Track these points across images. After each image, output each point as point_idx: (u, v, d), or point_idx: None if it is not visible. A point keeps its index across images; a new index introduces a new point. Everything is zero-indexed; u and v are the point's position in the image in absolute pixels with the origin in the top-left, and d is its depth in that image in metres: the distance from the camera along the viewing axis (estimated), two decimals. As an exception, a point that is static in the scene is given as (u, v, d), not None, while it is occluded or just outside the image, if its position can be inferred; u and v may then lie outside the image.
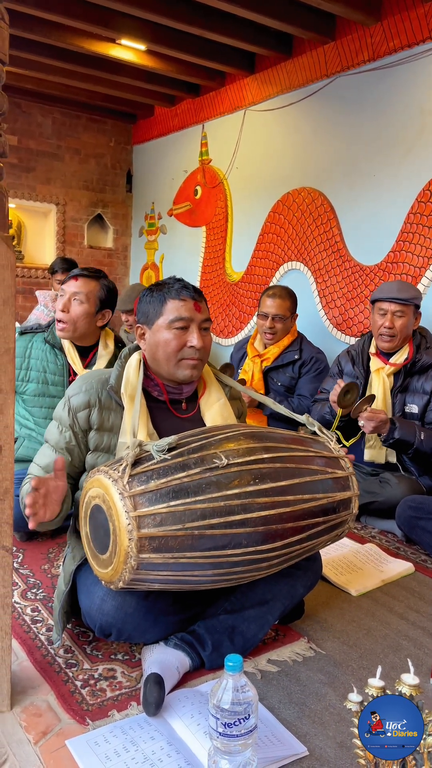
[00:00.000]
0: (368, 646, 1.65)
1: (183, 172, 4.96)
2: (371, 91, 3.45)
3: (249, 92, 4.28)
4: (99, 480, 1.29)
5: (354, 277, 3.57)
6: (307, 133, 3.87)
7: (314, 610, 1.80)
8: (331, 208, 3.71)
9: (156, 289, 1.56)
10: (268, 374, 3.18)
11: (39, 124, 5.17)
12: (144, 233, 5.54)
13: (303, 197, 3.89)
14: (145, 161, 5.52)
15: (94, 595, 1.45)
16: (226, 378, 1.69)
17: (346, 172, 3.63)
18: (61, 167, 5.32)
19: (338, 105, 3.65)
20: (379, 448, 2.53)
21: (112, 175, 5.61)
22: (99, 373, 1.59)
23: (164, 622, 1.49)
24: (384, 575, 2.04)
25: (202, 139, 4.75)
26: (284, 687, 1.46)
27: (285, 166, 4.04)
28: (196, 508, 1.25)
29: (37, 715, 1.33)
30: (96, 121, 5.45)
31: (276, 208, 4.10)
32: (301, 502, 1.36)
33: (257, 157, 4.26)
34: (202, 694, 1.39)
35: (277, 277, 4.09)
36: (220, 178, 4.58)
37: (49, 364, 2.28)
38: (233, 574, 1.33)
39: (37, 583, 1.92)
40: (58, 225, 5.34)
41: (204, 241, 4.76)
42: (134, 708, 1.37)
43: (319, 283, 3.80)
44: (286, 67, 3.96)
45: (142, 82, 4.51)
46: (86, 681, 1.45)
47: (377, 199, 3.45)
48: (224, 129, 4.53)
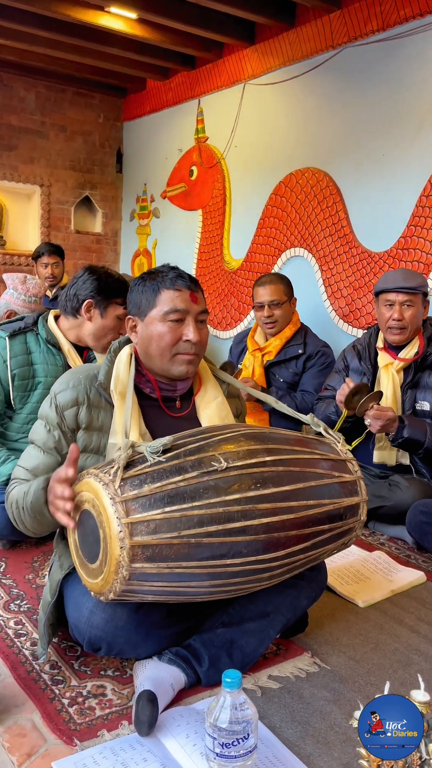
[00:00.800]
0: (376, 660, 1.66)
1: (177, 151, 4.95)
2: (380, 63, 3.44)
3: (248, 65, 4.27)
4: (89, 483, 1.30)
5: (362, 264, 3.57)
6: (311, 109, 3.87)
7: (319, 623, 1.81)
8: (337, 190, 3.71)
9: (149, 278, 1.55)
10: (270, 370, 3.19)
11: (21, 98, 5.15)
12: (135, 217, 5.53)
13: (307, 178, 3.89)
14: (137, 139, 5.50)
15: (83, 606, 1.45)
16: (224, 374, 1.69)
17: (353, 151, 3.63)
18: (46, 145, 5.30)
19: (345, 79, 3.65)
20: (389, 449, 2.54)
21: (100, 154, 5.59)
22: (87, 368, 1.59)
23: (158, 636, 1.50)
24: (393, 585, 2.05)
25: (198, 116, 4.74)
26: (286, 705, 1.47)
27: (287, 144, 4.04)
28: (192, 514, 1.25)
29: (21, 736, 1.34)
30: (83, 95, 5.43)
31: (278, 190, 4.10)
32: (306, 508, 1.36)
33: (257, 134, 4.25)
34: (198, 712, 1.40)
35: (279, 264, 4.09)
36: (217, 157, 4.57)
37: (50, 367, 2.23)
38: (232, 585, 1.33)
39: (21, 594, 1.92)
40: (43, 208, 5.33)
41: (200, 225, 4.75)
42: (125, 727, 1.37)
43: (324, 272, 3.80)
44: (289, 37, 3.95)
45: (133, 54, 4.49)
46: (74, 699, 1.46)
47: (387, 180, 3.45)
48: (222, 104, 4.52)
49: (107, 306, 2.19)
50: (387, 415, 2.35)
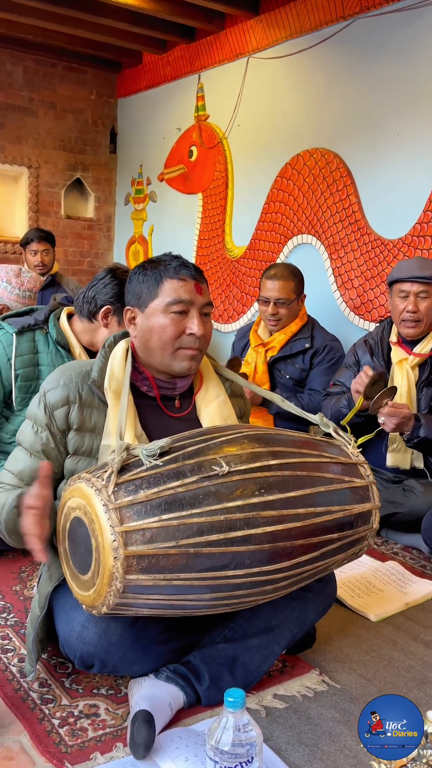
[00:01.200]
0: (389, 679, 1.66)
1: (176, 130, 4.95)
2: (395, 35, 3.43)
3: (253, 37, 4.26)
4: (80, 489, 1.30)
5: (374, 252, 3.57)
6: (321, 85, 3.86)
7: (327, 638, 1.81)
8: (347, 173, 3.71)
9: (150, 267, 1.55)
10: (274, 366, 3.19)
11: (8, 73, 5.14)
12: (130, 201, 5.53)
13: (315, 160, 3.89)
14: (132, 117, 5.50)
15: (74, 620, 1.45)
16: (227, 371, 1.69)
17: (365, 131, 3.62)
18: (34, 124, 5.30)
19: (356, 52, 3.64)
20: (403, 451, 2.54)
21: (93, 134, 5.59)
22: (79, 365, 1.59)
23: (154, 652, 1.50)
24: (408, 598, 2.05)
25: (198, 92, 4.73)
26: (293, 726, 1.47)
27: (294, 123, 4.03)
28: (192, 522, 1.25)
29: (9, 759, 1.34)
30: (75, 70, 5.42)
31: (284, 173, 4.09)
32: (314, 515, 1.36)
33: (262, 112, 4.25)
34: (198, 733, 1.40)
35: (285, 252, 4.08)
36: (218, 137, 4.56)
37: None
38: (234, 598, 1.33)
39: (8, 606, 1.93)
40: (31, 191, 5.32)
41: (200, 210, 4.75)
42: (120, 750, 1.37)
43: (333, 260, 3.80)
44: (296, 7, 3.93)
45: (129, 25, 4.48)
46: (65, 719, 1.46)
47: (402, 161, 3.45)
48: (224, 80, 4.51)
49: None
50: (402, 412, 2.34)
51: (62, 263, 5.26)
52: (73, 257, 5.56)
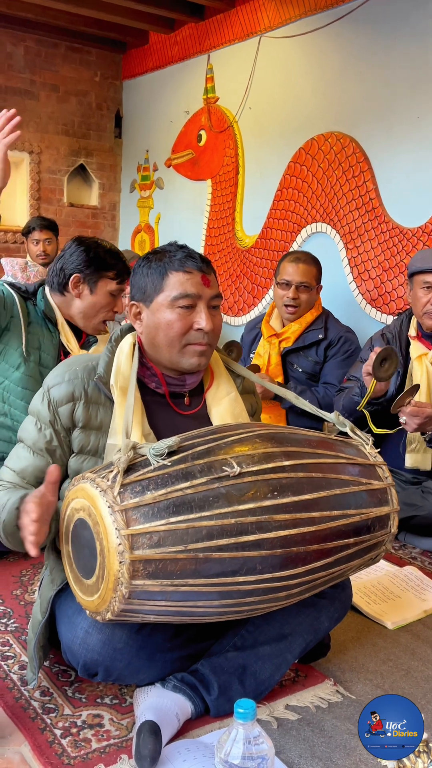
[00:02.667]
0: (407, 690, 1.66)
1: (184, 114, 4.94)
2: (414, 14, 3.41)
3: (265, 15, 4.24)
4: (84, 489, 1.30)
5: (393, 242, 3.55)
6: (336, 66, 3.84)
7: (342, 647, 1.81)
8: (364, 158, 3.69)
9: (155, 259, 1.55)
10: (287, 358, 3.18)
11: (8, 54, 5.14)
12: (136, 188, 5.53)
13: (330, 144, 3.87)
14: (138, 100, 5.49)
15: (77, 626, 1.46)
16: (238, 367, 1.69)
17: (382, 114, 3.60)
18: (36, 107, 5.29)
19: (374, 31, 3.61)
20: (423, 451, 2.53)
21: (97, 117, 5.58)
22: (85, 359, 1.59)
23: (161, 660, 1.50)
24: (426, 605, 2.05)
25: (207, 73, 4.72)
26: (306, 738, 1.47)
27: (308, 106, 4.01)
28: (201, 525, 1.25)
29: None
30: (78, 50, 5.42)
31: (297, 158, 4.08)
32: (329, 519, 1.36)
33: (274, 94, 4.23)
34: (207, 746, 1.40)
35: (299, 242, 4.07)
36: (229, 120, 4.55)
37: (44, 341, 2.24)
38: (245, 605, 1.33)
39: (8, 611, 1.93)
40: (32, 178, 5.32)
41: (209, 197, 4.74)
42: (125, 762, 1.38)
43: (349, 250, 3.78)
44: (311, -16, 3.91)
45: (134, 3, 4.47)
46: (67, 729, 1.46)
47: (421, 146, 3.43)
48: (234, 60, 4.49)
49: (97, 281, 2.20)
50: (426, 412, 2.32)
51: (65, 253, 5.26)
52: (76, 247, 5.56)
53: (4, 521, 1.46)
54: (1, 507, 1.48)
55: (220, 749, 1.17)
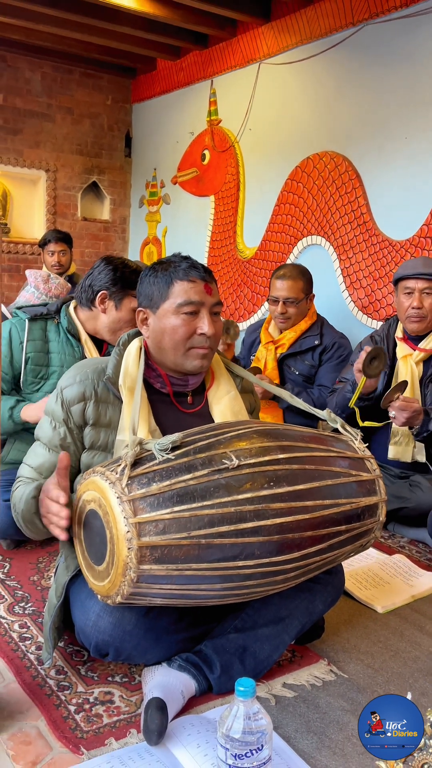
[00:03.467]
0: (396, 669, 1.65)
1: (189, 135, 4.94)
2: (403, 41, 3.41)
3: (264, 43, 4.25)
4: (94, 482, 1.30)
5: (382, 253, 3.55)
6: (330, 90, 3.84)
7: (335, 629, 1.81)
8: (356, 175, 3.69)
9: (160, 269, 1.55)
10: (284, 362, 3.18)
11: (27, 79, 5.16)
12: (145, 203, 5.53)
13: (325, 163, 3.87)
14: (146, 122, 5.50)
15: (89, 610, 1.46)
16: (238, 368, 1.69)
17: (374, 134, 3.60)
18: (52, 129, 5.31)
19: (366, 57, 3.62)
20: (405, 444, 2.53)
21: (108, 138, 5.60)
22: (94, 362, 1.60)
23: (167, 641, 1.50)
24: (414, 590, 2.04)
25: (210, 97, 4.72)
26: (301, 714, 1.47)
27: (304, 127, 4.01)
28: (203, 514, 1.25)
29: (26, 743, 1.35)
30: (91, 76, 5.43)
31: (294, 175, 4.08)
32: (321, 508, 1.36)
33: (273, 116, 4.23)
34: (210, 721, 1.40)
35: (295, 253, 4.07)
36: (230, 140, 4.56)
37: (67, 357, 2.25)
38: (244, 588, 1.33)
39: (26, 596, 1.94)
40: (48, 194, 5.34)
41: (212, 212, 4.74)
42: (134, 736, 1.38)
43: (342, 261, 3.78)
44: (307, 14, 3.92)
45: (143, 32, 4.48)
46: (80, 705, 1.47)
47: (410, 164, 3.42)
48: (236, 85, 4.50)
49: (122, 298, 2.20)
50: (413, 406, 2.33)
51: (79, 264, 5.28)
52: (89, 258, 5.57)
53: (23, 510, 1.47)
54: (18, 499, 1.50)
55: (221, 724, 1.17)
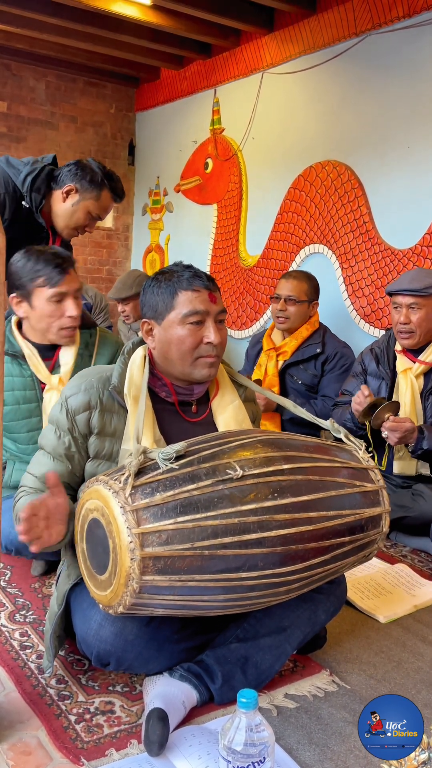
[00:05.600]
0: (398, 680, 1.64)
1: (192, 143, 4.95)
2: (406, 51, 3.42)
3: (267, 53, 4.26)
4: (98, 491, 1.29)
5: (385, 262, 3.55)
6: (333, 99, 3.85)
7: (337, 639, 1.80)
8: (359, 184, 3.69)
9: (164, 279, 1.55)
10: (287, 372, 3.18)
11: (31, 88, 5.18)
12: (148, 211, 5.54)
13: (327, 171, 3.87)
14: (150, 130, 5.51)
15: (91, 619, 1.45)
16: (241, 377, 1.69)
17: (376, 144, 3.61)
18: (56, 137, 5.32)
19: (368, 67, 3.62)
20: (409, 459, 2.52)
21: (112, 146, 5.61)
22: (99, 371, 1.59)
23: (169, 651, 1.49)
24: (416, 600, 2.03)
25: (213, 106, 4.73)
26: (303, 725, 1.45)
27: (307, 136, 4.02)
28: (206, 525, 1.24)
29: (26, 753, 1.34)
30: (95, 85, 5.45)
31: (297, 184, 4.08)
32: (325, 519, 1.35)
33: (276, 126, 4.24)
34: (211, 732, 1.39)
35: (298, 261, 4.07)
36: (233, 149, 4.56)
37: (15, 379, 2.07)
38: (247, 599, 1.32)
39: (27, 604, 1.93)
40: (52, 201, 5.34)
41: (215, 220, 4.74)
42: (135, 746, 1.37)
43: (344, 269, 3.78)
44: (310, 24, 3.93)
45: (147, 42, 4.49)
46: (81, 715, 1.45)
47: (412, 173, 3.42)
48: (239, 94, 4.51)
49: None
50: (404, 426, 2.33)
51: (81, 271, 5.28)
52: (92, 265, 5.57)
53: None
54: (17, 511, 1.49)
55: (223, 736, 1.16)
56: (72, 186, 2.36)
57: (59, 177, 2.38)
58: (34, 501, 1.36)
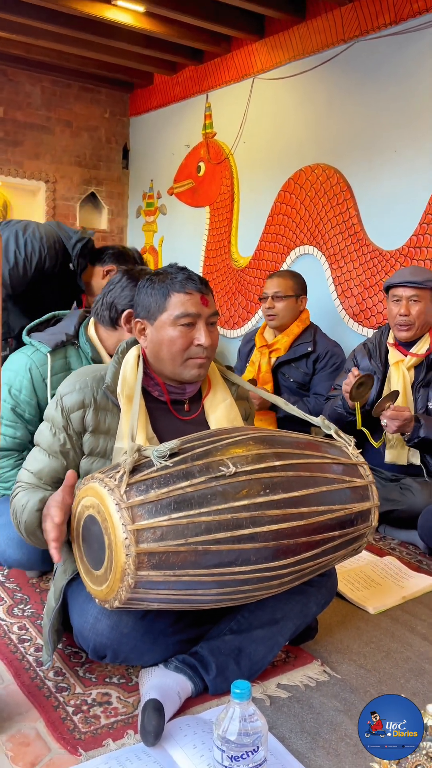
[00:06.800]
0: (388, 670, 1.64)
1: (185, 147, 4.94)
2: (393, 57, 3.42)
3: (258, 59, 4.25)
4: (93, 488, 1.29)
5: (373, 263, 3.55)
6: (322, 104, 3.85)
7: (328, 630, 1.80)
8: (347, 187, 3.69)
9: (157, 280, 1.54)
10: (279, 370, 3.18)
11: (27, 93, 5.15)
12: (142, 214, 5.52)
13: (317, 175, 3.87)
14: (143, 135, 5.49)
15: (87, 613, 1.44)
16: (233, 376, 1.69)
17: (364, 147, 3.61)
18: (51, 141, 5.30)
19: (356, 73, 3.62)
20: (401, 447, 2.53)
21: (106, 150, 5.59)
22: (93, 370, 1.58)
23: (164, 643, 1.49)
24: (405, 591, 2.03)
25: (205, 111, 4.72)
26: (296, 714, 1.45)
27: (297, 140, 4.02)
28: (200, 521, 1.24)
29: (25, 744, 1.33)
30: (89, 90, 5.43)
31: (287, 187, 4.08)
32: (316, 514, 1.35)
33: (266, 130, 4.23)
34: (206, 722, 1.39)
35: (288, 262, 4.07)
36: (225, 153, 4.56)
37: None
38: (240, 593, 1.32)
39: (25, 598, 1.92)
40: (48, 204, 5.32)
41: (207, 222, 4.74)
42: (131, 737, 1.36)
43: (334, 270, 3.78)
44: (299, 31, 3.92)
45: (141, 48, 4.48)
46: (78, 707, 1.45)
47: (399, 176, 3.43)
48: (230, 99, 4.50)
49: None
50: (404, 415, 2.34)
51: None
52: (87, 266, 5.55)
53: (26, 521, 1.45)
54: (21, 507, 1.47)
55: (218, 726, 1.15)
56: (113, 267, 2.57)
57: (104, 257, 2.61)
58: (58, 504, 1.35)
